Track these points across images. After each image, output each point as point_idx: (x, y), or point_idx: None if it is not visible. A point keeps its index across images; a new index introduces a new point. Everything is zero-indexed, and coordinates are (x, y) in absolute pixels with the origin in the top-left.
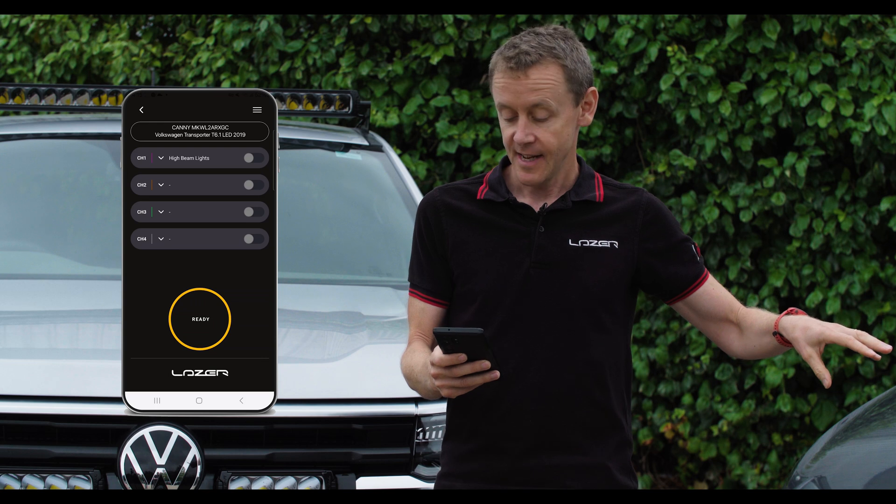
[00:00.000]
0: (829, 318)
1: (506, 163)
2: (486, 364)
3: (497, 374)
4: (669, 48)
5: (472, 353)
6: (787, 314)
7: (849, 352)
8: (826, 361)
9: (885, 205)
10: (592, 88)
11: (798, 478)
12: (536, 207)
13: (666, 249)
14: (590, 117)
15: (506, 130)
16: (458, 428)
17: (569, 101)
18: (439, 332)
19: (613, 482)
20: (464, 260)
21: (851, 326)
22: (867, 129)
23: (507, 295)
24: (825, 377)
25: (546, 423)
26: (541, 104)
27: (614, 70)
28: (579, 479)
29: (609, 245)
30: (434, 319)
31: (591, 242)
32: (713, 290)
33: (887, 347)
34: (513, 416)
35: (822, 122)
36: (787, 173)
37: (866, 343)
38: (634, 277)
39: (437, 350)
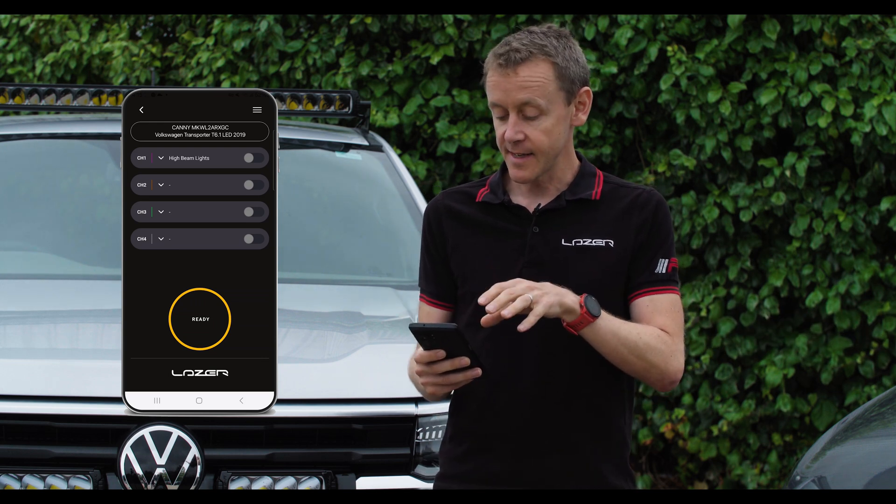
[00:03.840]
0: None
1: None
2: (466, 361)
3: (479, 371)
4: (669, 48)
5: (450, 350)
6: None
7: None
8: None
9: (885, 205)
10: (586, 88)
11: (798, 478)
12: (531, 208)
13: (642, 245)
14: (583, 117)
15: (498, 129)
16: (455, 429)
17: (560, 99)
18: (415, 328)
19: (606, 485)
20: (462, 262)
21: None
22: (867, 129)
23: None
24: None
25: (540, 425)
26: (530, 102)
27: (614, 70)
28: (572, 481)
29: (604, 244)
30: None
31: (584, 241)
32: (645, 311)
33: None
34: (507, 417)
35: (822, 122)
36: (787, 173)
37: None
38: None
39: (420, 348)
